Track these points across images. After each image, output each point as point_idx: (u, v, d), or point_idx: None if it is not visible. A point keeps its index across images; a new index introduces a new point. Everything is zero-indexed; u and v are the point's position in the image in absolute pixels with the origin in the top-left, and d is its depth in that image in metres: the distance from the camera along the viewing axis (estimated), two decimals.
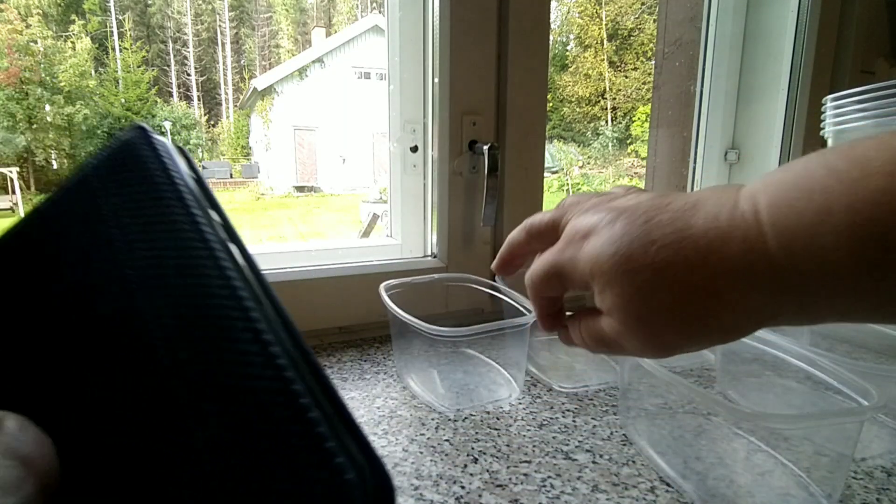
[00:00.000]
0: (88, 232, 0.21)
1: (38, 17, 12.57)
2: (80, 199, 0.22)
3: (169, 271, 0.19)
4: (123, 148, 0.22)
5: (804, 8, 1.03)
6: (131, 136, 0.22)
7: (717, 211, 0.21)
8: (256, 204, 10.60)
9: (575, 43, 15.66)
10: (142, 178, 0.21)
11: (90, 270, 0.20)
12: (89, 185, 0.22)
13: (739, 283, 0.20)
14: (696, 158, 1.16)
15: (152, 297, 0.19)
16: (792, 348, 0.47)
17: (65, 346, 0.20)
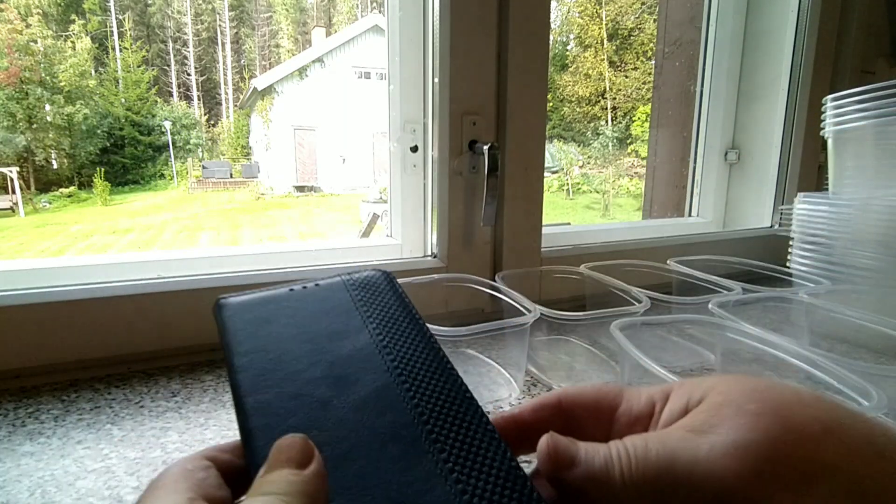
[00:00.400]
0: (344, 312, 0.27)
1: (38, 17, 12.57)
2: (335, 289, 0.29)
3: (418, 368, 0.24)
4: (375, 278, 0.29)
5: (804, 8, 1.03)
6: (383, 274, 0.30)
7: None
8: (256, 204, 10.60)
9: (575, 43, 15.66)
10: (387, 300, 0.28)
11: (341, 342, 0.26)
12: (341, 286, 0.29)
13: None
14: (697, 158, 1.16)
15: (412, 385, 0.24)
16: (792, 348, 0.47)
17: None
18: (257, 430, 0.22)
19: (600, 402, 0.23)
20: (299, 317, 0.27)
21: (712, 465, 0.17)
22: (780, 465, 0.17)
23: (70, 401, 0.50)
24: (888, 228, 0.67)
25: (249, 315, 0.27)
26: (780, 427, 0.17)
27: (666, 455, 0.18)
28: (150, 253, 0.73)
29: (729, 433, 0.18)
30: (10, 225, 8.15)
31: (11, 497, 0.37)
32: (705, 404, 0.20)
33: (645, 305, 0.58)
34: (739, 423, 0.18)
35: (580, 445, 0.20)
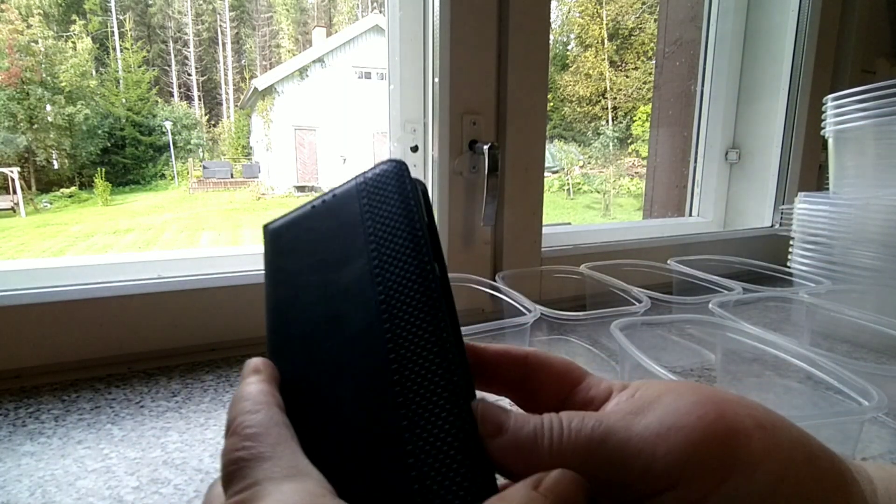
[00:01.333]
0: (350, 230, 0.25)
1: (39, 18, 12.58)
2: (347, 200, 0.26)
3: (402, 303, 0.22)
4: (385, 174, 0.25)
5: (805, 7, 1.03)
6: (393, 168, 0.25)
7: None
8: (257, 204, 10.60)
9: (575, 42, 15.65)
10: (391, 208, 0.24)
11: (344, 266, 0.24)
12: (353, 193, 0.26)
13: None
14: (697, 158, 1.16)
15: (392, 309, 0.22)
16: (792, 348, 0.47)
17: (313, 317, 0.24)
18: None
19: (563, 376, 0.24)
20: (314, 241, 0.25)
21: (643, 443, 0.18)
22: (708, 451, 0.17)
23: (70, 400, 0.50)
24: (889, 228, 0.66)
25: (279, 244, 0.27)
26: (714, 416, 0.18)
27: (601, 431, 0.18)
28: (151, 253, 0.73)
29: (664, 416, 0.18)
30: (11, 225, 8.16)
31: (12, 497, 0.37)
32: (649, 391, 0.20)
33: (645, 305, 0.58)
34: (676, 408, 0.18)
35: (511, 414, 0.20)
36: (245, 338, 0.63)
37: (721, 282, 0.68)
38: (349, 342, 0.22)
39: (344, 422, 0.21)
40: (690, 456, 0.17)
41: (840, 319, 0.62)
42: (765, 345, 0.49)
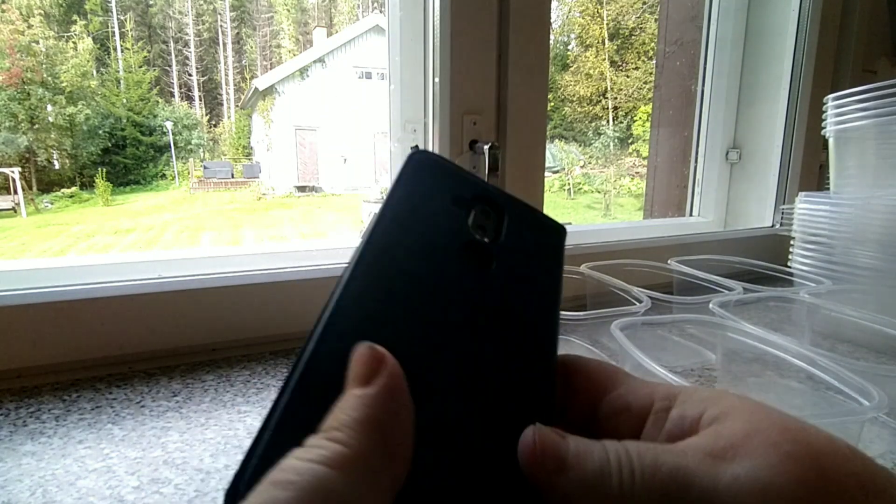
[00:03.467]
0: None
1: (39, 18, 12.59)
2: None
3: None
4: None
5: (805, 7, 1.03)
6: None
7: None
8: (258, 204, 10.61)
9: (576, 42, 15.65)
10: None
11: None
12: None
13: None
14: (698, 158, 1.16)
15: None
16: (793, 348, 0.47)
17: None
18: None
19: (597, 380, 0.22)
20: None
21: (733, 500, 0.16)
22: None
23: (71, 400, 0.50)
24: (889, 228, 0.66)
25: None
26: (815, 478, 0.16)
27: (681, 476, 0.16)
28: (152, 253, 0.73)
29: (757, 470, 0.16)
30: (12, 225, 8.17)
31: (12, 496, 0.37)
32: (727, 427, 0.17)
33: (646, 305, 0.58)
34: (771, 463, 0.16)
35: (570, 442, 0.18)
36: (245, 338, 0.63)
37: (721, 282, 0.68)
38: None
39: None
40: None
41: (841, 319, 0.62)
42: (765, 345, 0.49)
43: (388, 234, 0.21)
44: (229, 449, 0.43)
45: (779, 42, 1.05)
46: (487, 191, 0.24)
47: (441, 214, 0.22)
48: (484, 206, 0.23)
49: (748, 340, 0.51)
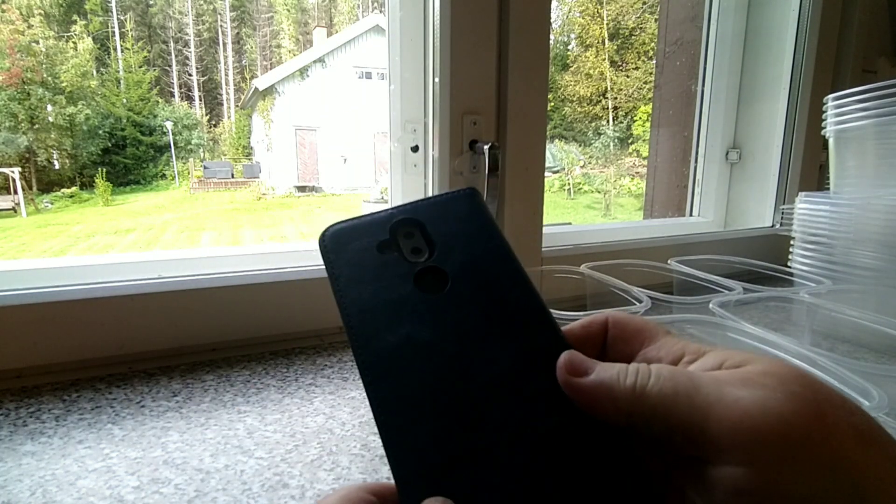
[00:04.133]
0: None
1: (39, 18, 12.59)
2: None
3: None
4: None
5: (805, 7, 1.03)
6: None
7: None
8: (258, 204, 10.61)
9: (576, 42, 15.65)
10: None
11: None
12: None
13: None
14: (698, 158, 1.16)
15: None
16: (793, 348, 0.47)
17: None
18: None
19: (638, 335, 0.24)
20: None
21: (728, 412, 0.17)
22: (796, 446, 0.17)
23: (71, 400, 0.50)
24: (889, 228, 0.66)
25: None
26: (813, 415, 0.17)
27: (690, 387, 0.18)
28: (152, 253, 0.74)
29: (760, 395, 0.17)
30: (12, 225, 8.17)
31: (12, 496, 0.37)
32: (746, 368, 0.19)
33: (646, 305, 0.58)
34: (775, 394, 0.17)
35: (599, 363, 0.21)
36: (245, 338, 0.63)
37: (721, 282, 0.68)
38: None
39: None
40: (775, 444, 0.17)
41: (841, 319, 0.62)
42: (765, 345, 0.49)
43: (365, 327, 0.22)
44: (229, 449, 0.43)
45: (779, 42, 1.05)
46: (394, 216, 0.26)
47: (385, 273, 0.24)
48: (403, 228, 0.25)
49: (748, 340, 0.51)
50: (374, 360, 0.21)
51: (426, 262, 0.24)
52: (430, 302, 0.23)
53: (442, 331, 0.22)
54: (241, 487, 0.38)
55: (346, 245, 0.25)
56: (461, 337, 0.22)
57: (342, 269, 0.24)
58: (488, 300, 0.23)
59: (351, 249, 0.24)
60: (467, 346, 0.22)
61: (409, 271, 0.24)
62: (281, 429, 0.46)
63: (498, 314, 0.23)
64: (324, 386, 0.54)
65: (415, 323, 0.22)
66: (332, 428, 0.47)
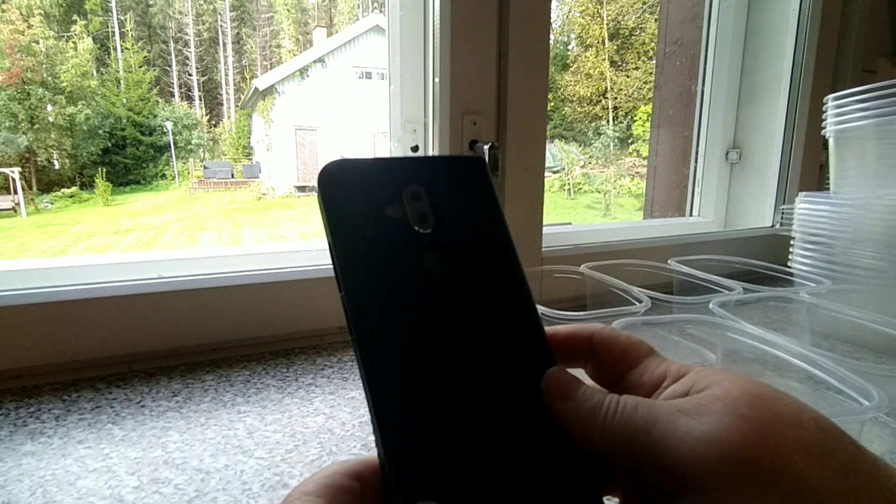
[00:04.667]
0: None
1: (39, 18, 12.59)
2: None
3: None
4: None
5: (805, 7, 1.03)
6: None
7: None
8: (258, 204, 10.61)
9: (576, 42, 15.65)
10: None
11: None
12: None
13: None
14: (698, 158, 1.16)
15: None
16: (793, 348, 0.47)
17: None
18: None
19: (624, 357, 0.24)
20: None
21: (680, 444, 0.18)
22: (743, 470, 0.18)
23: (71, 400, 0.50)
24: (889, 228, 0.66)
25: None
26: (759, 438, 0.18)
27: (648, 421, 0.19)
28: (152, 253, 0.74)
29: (711, 425, 0.18)
30: (12, 225, 8.17)
31: (12, 496, 0.37)
32: (704, 394, 0.20)
33: (646, 305, 0.58)
34: (724, 421, 0.18)
35: (583, 386, 0.22)
36: (245, 338, 0.63)
37: (721, 282, 0.68)
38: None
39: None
40: (723, 470, 0.18)
41: (841, 319, 0.62)
42: (765, 345, 0.49)
43: (362, 305, 0.21)
44: (229, 449, 0.43)
45: (779, 42, 1.05)
46: (402, 169, 0.24)
47: (389, 241, 0.23)
48: (411, 187, 0.24)
49: (748, 340, 0.51)
50: (375, 342, 0.21)
51: (430, 237, 0.23)
52: (432, 285, 0.22)
53: (442, 319, 0.22)
54: (241, 487, 0.38)
55: (350, 195, 0.23)
56: (454, 326, 0.22)
57: (343, 228, 0.22)
58: (486, 293, 0.23)
59: (355, 202, 0.23)
60: (461, 336, 0.22)
61: (415, 244, 0.23)
62: (281, 429, 0.46)
63: (490, 310, 0.23)
64: (324, 386, 0.54)
65: (415, 304, 0.22)
66: (332, 428, 0.47)
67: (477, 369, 0.22)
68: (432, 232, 0.23)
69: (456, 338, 0.22)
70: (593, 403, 0.21)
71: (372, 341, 0.21)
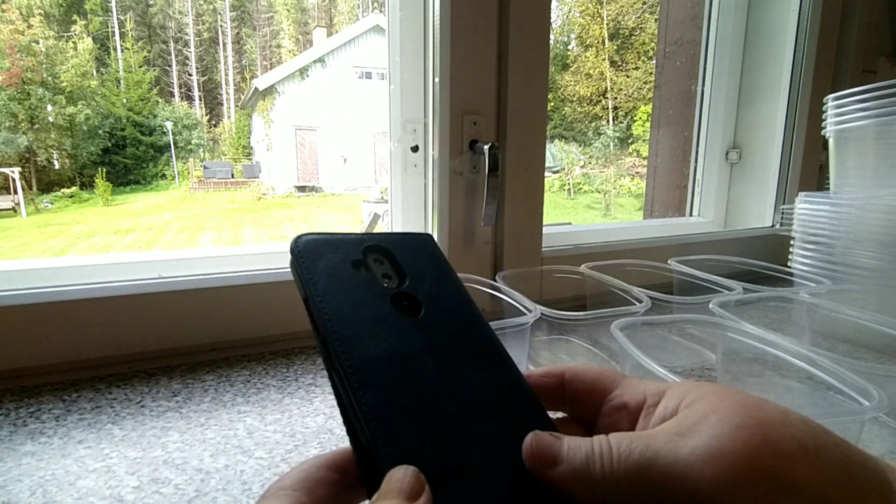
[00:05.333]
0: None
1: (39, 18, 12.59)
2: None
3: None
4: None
5: (805, 7, 1.03)
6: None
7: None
8: (258, 204, 10.61)
9: (576, 42, 15.65)
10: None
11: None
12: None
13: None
14: (698, 157, 1.16)
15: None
16: (793, 348, 0.47)
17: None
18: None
19: (597, 384, 0.25)
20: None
21: (690, 468, 0.18)
22: (753, 476, 0.18)
23: (71, 400, 0.50)
24: (889, 228, 0.66)
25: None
26: (759, 441, 0.18)
27: (649, 455, 0.19)
28: (152, 253, 0.74)
29: (710, 440, 0.19)
30: (12, 225, 8.17)
31: (12, 496, 0.37)
32: (693, 410, 0.20)
33: (646, 305, 0.58)
34: (721, 433, 0.19)
35: (564, 442, 0.21)
36: (245, 338, 0.63)
37: (721, 282, 0.68)
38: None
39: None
40: (736, 481, 0.18)
41: (841, 319, 0.62)
42: (765, 345, 0.49)
43: (348, 334, 0.22)
44: (229, 449, 0.43)
45: (779, 42, 1.05)
46: (366, 240, 0.27)
47: (362, 289, 0.24)
48: (374, 254, 0.26)
49: (748, 340, 0.51)
50: (360, 365, 0.21)
51: (399, 288, 0.25)
52: (408, 323, 0.24)
53: (421, 350, 0.23)
54: (241, 487, 0.38)
55: (321, 255, 0.25)
56: (439, 360, 0.23)
57: (318, 276, 0.24)
58: (458, 332, 0.25)
59: (326, 260, 0.25)
60: (445, 369, 0.23)
61: (384, 292, 0.24)
62: (281, 429, 0.46)
63: (468, 346, 0.24)
64: (324, 386, 0.54)
65: (395, 339, 0.23)
66: (332, 428, 0.47)
67: (467, 397, 0.22)
68: (398, 285, 0.25)
69: (441, 367, 0.23)
70: (582, 456, 0.20)
71: (354, 362, 0.21)
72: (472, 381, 0.23)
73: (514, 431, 0.22)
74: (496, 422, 0.22)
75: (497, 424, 0.22)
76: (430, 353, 0.23)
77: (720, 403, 0.20)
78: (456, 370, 0.23)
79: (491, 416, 0.22)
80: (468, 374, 0.23)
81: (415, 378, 0.22)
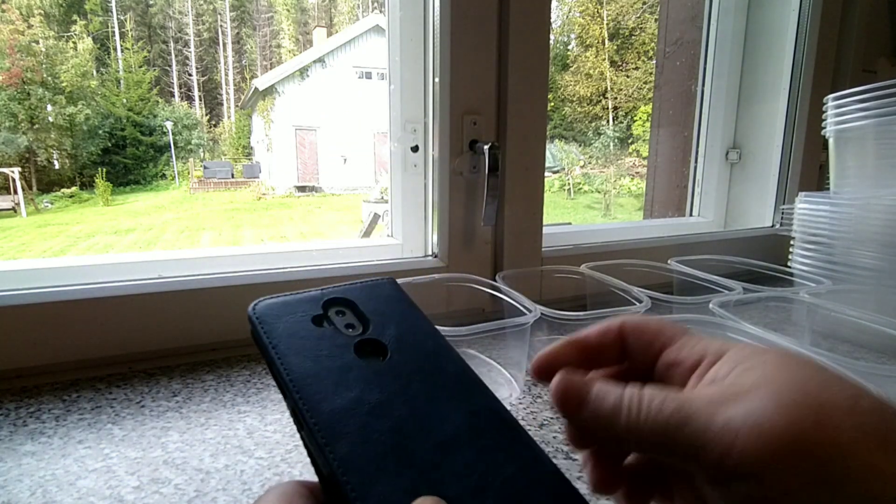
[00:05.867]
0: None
1: (39, 18, 12.59)
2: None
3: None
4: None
5: (805, 7, 1.03)
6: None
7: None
8: (258, 204, 10.61)
9: (576, 42, 15.64)
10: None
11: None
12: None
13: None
14: (698, 157, 1.16)
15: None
16: (793, 348, 0.47)
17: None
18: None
19: (656, 337, 0.24)
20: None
21: (720, 436, 0.17)
22: (796, 456, 0.16)
23: (71, 400, 0.50)
24: (889, 228, 0.66)
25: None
26: (811, 423, 0.17)
27: (679, 417, 0.18)
28: (152, 253, 0.74)
29: (751, 412, 0.17)
30: (12, 225, 8.16)
31: (13, 496, 0.37)
32: (745, 378, 0.19)
33: (646, 305, 0.58)
34: (766, 406, 0.17)
35: (594, 386, 0.21)
36: (245, 338, 0.63)
37: (721, 282, 0.68)
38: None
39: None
40: (775, 456, 0.16)
41: (841, 319, 0.62)
42: (765, 345, 0.49)
43: (311, 392, 0.22)
44: (229, 449, 0.43)
45: (779, 42, 1.05)
46: (325, 294, 0.27)
47: (324, 343, 0.24)
48: (334, 306, 0.26)
49: (748, 341, 0.51)
50: (327, 420, 0.21)
51: (363, 336, 0.25)
52: (374, 368, 0.24)
53: (390, 394, 0.23)
54: (241, 487, 0.38)
55: (280, 317, 0.25)
56: (409, 399, 0.23)
57: (279, 338, 0.24)
58: (428, 368, 0.25)
59: (285, 321, 0.25)
60: (417, 407, 0.23)
61: (347, 342, 0.24)
62: (281, 429, 0.46)
63: (439, 381, 0.24)
64: None
65: (362, 387, 0.23)
66: None
67: (443, 432, 0.22)
68: (361, 333, 0.25)
69: (412, 406, 0.23)
70: (610, 404, 0.20)
71: (321, 419, 0.21)
72: (446, 415, 0.23)
73: (495, 459, 0.21)
74: (475, 452, 0.22)
75: (477, 454, 0.21)
76: (400, 394, 0.23)
77: (778, 375, 0.18)
78: (428, 407, 0.23)
79: (470, 447, 0.22)
80: (441, 408, 0.23)
81: (385, 422, 0.22)
